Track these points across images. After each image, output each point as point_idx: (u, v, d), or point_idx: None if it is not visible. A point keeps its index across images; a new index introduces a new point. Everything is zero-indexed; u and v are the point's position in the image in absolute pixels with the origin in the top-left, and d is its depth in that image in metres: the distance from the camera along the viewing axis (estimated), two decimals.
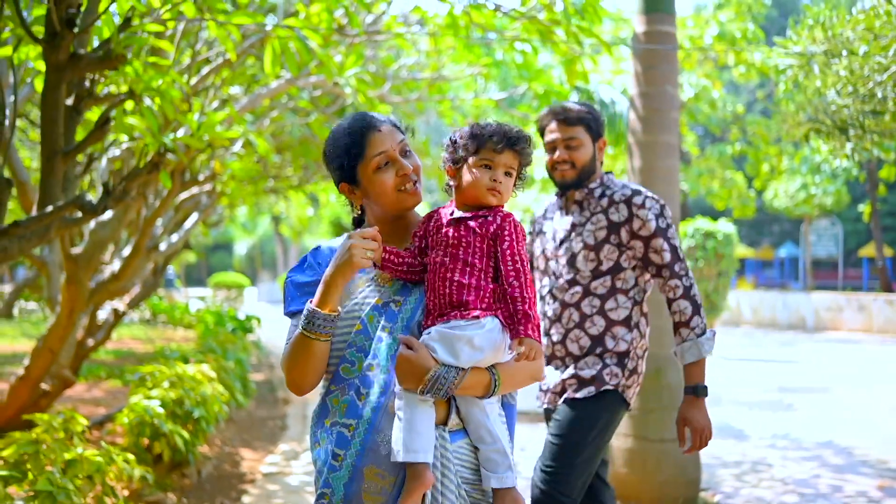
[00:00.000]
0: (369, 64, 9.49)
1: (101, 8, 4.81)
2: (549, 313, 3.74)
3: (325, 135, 7.87)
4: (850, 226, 37.15)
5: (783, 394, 11.71)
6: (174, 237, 9.12)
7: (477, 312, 2.28)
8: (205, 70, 7.19)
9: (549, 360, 3.73)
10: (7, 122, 4.86)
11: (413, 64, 10.00)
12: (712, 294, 16.18)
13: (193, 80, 6.91)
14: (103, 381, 11.18)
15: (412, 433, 2.23)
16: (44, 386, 7.37)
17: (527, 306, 2.25)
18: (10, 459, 4.52)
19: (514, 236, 2.32)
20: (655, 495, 5.80)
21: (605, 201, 3.71)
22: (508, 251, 2.30)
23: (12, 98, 5.02)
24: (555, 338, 3.70)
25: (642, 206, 3.63)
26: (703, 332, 3.55)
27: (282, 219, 39.81)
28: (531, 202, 16.34)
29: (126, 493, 5.64)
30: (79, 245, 7.41)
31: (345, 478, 2.30)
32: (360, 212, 2.55)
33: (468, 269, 2.31)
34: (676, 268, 3.59)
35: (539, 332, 2.26)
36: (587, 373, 3.60)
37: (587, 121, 3.73)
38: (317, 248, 2.57)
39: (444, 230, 2.38)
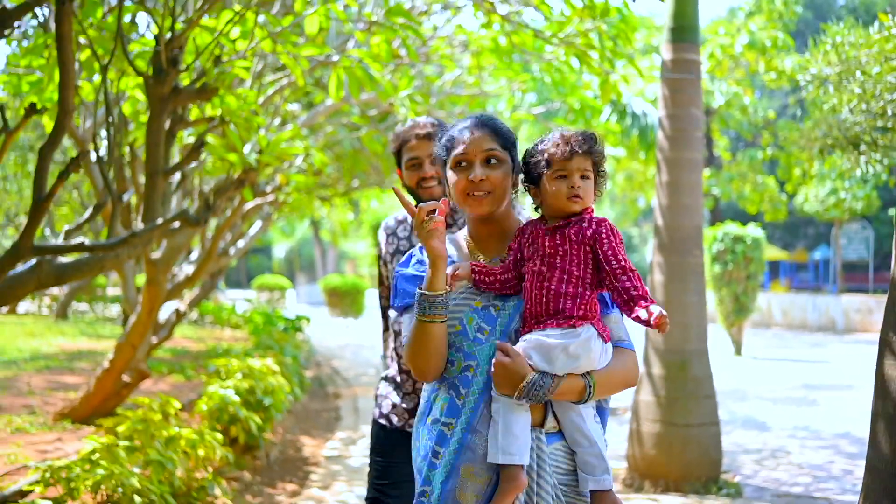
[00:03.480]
0: (415, 79, 10.18)
1: (191, 46, 5.58)
2: None
3: (374, 147, 8.61)
4: (886, 229, 37.23)
5: (807, 390, 12.26)
6: (240, 243, 9.89)
7: (574, 321, 2.33)
8: (270, 91, 7.93)
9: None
10: (106, 144, 5.63)
11: (455, 79, 10.69)
12: (741, 296, 16.73)
13: (260, 100, 7.65)
14: (166, 375, 11.93)
15: (509, 436, 2.30)
16: (124, 378, 8.14)
17: (640, 291, 2.29)
18: (122, 435, 5.27)
19: (612, 239, 2.36)
20: (681, 474, 6.47)
21: None
22: (610, 252, 2.34)
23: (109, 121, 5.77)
24: None
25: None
26: None
27: (321, 223, 40.72)
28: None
29: (210, 469, 6.38)
30: (156, 251, 8.15)
31: (442, 475, 2.38)
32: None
33: (566, 276, 2.36)
34: None
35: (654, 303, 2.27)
36: None
37: None
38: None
39: (540, 240, 2.42)
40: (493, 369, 2.34)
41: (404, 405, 3.43)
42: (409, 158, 3.47)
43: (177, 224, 5.52)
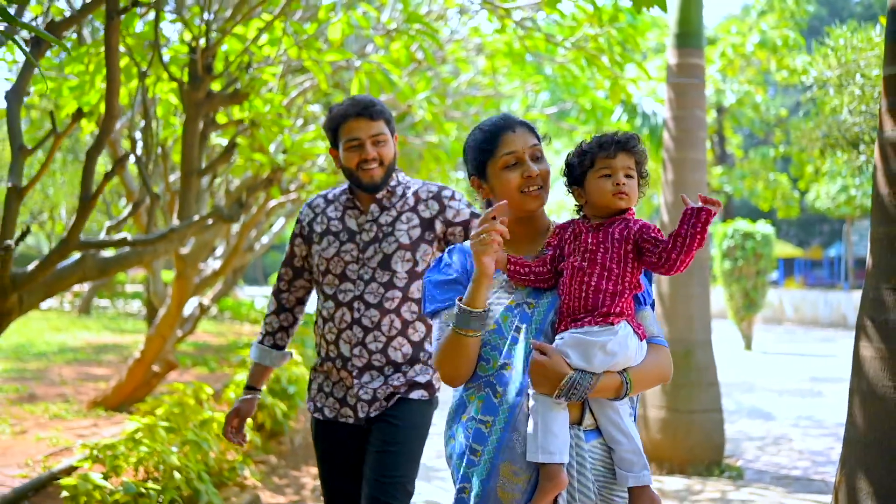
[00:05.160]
0: (432, 81, 10.51)
1: (220, 53, 5.94)
2: (365, 321, 3.32)
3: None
4: None
5: (814, 383, 12.57)
6: (264, 239, 10.28)
7: (611, 319, 2.32)
8: (294, 94, 8.29)
9: (365, 369, 3.33)
10: (141, 146, 6.00)
11: (470, 80, 11.01)
12: (751, 292, 17.03)
13: (284, 101, 8.01)
14: (190, 368, 12.33)
15: (547, 435, 2.28)
16: (154, 368, 8.53)
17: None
18: (160, 418, 5.65)
19: (657, 233, 2.37)
20: (685, 458, 6.81)
21: (410, 199, 3.42)
22: (657, 238, 2.35)
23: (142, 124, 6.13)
24: (373, 346, 3.31)
25: (452, 197, 3.41)
26: None
27: None
28: None
29: (240, 452, 6.75)
30: (184, 247, 8.53)
31: (483, 473, 2.35)
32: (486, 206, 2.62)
33: (606, 273, 2.35)
34: None
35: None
36: (422, 378, 3.34)
37: (387, 115, 3.37)
38: (451, 248, 2.64)
39: (583, 237, 2.41)
40: (530, 368, 2.33)
41: (335, 395, 3.38)
42: (348, 139, 3.32)
43: (209, 220, 5.89)
